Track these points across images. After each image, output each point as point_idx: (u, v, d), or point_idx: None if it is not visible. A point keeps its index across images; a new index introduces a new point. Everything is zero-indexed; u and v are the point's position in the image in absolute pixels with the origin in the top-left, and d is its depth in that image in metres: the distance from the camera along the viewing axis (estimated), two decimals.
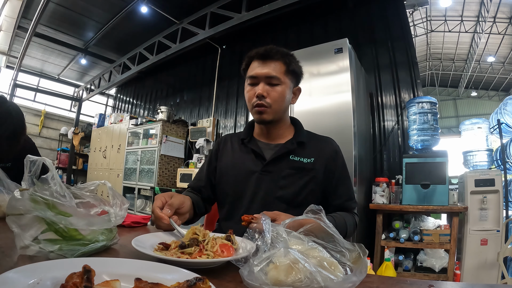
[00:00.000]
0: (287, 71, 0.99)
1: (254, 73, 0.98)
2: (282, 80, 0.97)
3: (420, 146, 2.46)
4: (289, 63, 0.99)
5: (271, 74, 0.96)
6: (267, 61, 0.98)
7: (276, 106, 0.98)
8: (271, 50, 0.98)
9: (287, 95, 1.00)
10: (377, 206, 2.35)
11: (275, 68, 0.97)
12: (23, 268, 0.40)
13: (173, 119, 4.65)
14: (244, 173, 1.02)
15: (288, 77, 1.00)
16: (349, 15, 3.42)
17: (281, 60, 0.98)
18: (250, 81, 1.00)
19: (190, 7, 4.16)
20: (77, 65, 6.94)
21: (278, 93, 0.97)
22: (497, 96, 10.58)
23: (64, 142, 7.16)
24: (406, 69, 2.97)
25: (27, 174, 0.62)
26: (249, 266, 0.45)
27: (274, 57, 0.98)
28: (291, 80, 1.01)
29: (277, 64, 0.98)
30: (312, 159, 1.01)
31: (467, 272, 2.14)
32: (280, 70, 0.97)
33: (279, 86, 0.97)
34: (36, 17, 4.27)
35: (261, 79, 0.97)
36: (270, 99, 0.96)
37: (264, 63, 0.98)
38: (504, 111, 2.82)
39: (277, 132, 1.06)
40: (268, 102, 0.96)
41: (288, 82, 1.00)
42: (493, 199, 2.16)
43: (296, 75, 1.04)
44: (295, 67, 1.01)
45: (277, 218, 0.74)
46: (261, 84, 0.97)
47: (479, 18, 7.13)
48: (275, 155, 1.00)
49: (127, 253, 0.64)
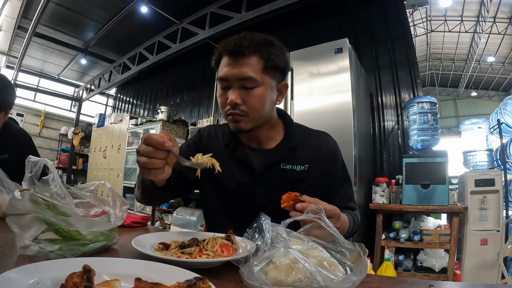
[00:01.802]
0: (266, 68, 0.79)
1: (223, 75, 0.79)
2: (260, 80, 0.78)
3: (420, 146, 2.46)
4: (267, 57, 0.79)
5: (244, 75, 0.77)
6: (239, 57, 0.78)
7: (255, 113, 0.80)
8: (242, 43, 0.77)
9: (268, 97, 0.81)
10: (377, 206, 2.35)
11: (250, 66, 0.77)
12: (23, 268, 0.40)
13: (173, 119, 4.65)
14: (231, 185, 0.89)
15: (268, 74, 0.80)
16: (349, 15, 3.42)
17: (257, 55, 0.78)
18: (221, 85, 0.81)
19: (190, 7, 4.16)
20: (77, 65, 6.95)
21: (255, 98, 0.78)
22: (497, 96, 10.58)
23: (64, 142, 7.16)
24: (406, 69, 2.97)
25: (28, 174, 0.62)
26: (249, 266, 0.45)
27: (247, 52, 0.77)
28: (272, 77, 0.82)
29: (252, 60, 0.78)
30: (306, 166, 0.88)
31: (467, 272, 2.14)
32: (257, 67, 0.78)
33: (257, 89, 0.78)
34: (36, 17, 4.27)
35: (233, 82, 0.78)
36: (246, 106, 0.79)
37: (235, 60, 0.78)
38: (504, 111, 2.82)
39: (264, 134, 0.90)
40: (244, 110, 0.79)
41: (269, 81, 0.81)
42: (493, 199, 2.16)
43: (280, 69, 0.83)
44: (276, 61, 0.80)
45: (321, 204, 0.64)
46: (233, 90, 0.78)
47: (479, 18, 7.13)
48: (264, 165, 0.87)
49: (127, 253, 0.64)
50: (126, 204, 0.68)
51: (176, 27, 4.44)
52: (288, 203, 0.62)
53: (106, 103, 8.50)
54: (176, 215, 3.46)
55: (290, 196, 0.63)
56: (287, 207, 0.63)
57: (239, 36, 0.80)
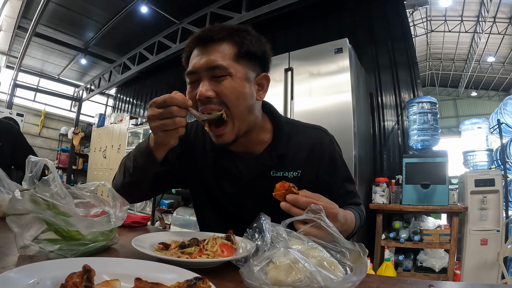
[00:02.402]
0: (239, 55, 0.69)
1: (190, 68, 0.71)
2: (232, 69, 0.68)
3: (420, 146, 2.46)
4: (241, 43, 0.70)
5: (213, 63, 0.67)
6: (208, 45, 0.69)
7: (234, 108, 0.69)
8: (211, 29, 0.70)
9: (243, 88, 0.70)
10: (377, 206, 2.35)
11: (221, 53, 0.68)
12: (23, 268, 0.40)
13: None
14: (219, 194, 0.84)
15: (243, 63, 0.70)
16: (349, 15, 3.42)
17: (229, 41, 0.69)
18: (189, 79, 0.73)
19: (190, 7, 4.16)
20: (77, 65, 6.95)
21: (228, 89, 0.68)
22: (497, 96, 10.59)
23: (64, 142, 7.16)
24: (406, 69, 2.97)
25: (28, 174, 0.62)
26: (249, 266, 0.45)
27: (217, 37, 0.69)
28: (248, 67, 0.72)
29: (223, 47, 0.69)
30: (299, 172, 0.80)
31: (467, 272, 2.14)
32: (228, 55, 0.69)
33: (228, 79, 0.68)
34: (36, 17, 4.27)
35: (201, 73, 0.69)
36: (219, 98, 0.69)
37: (204, 49, 0.69)
38: (504, 111, 2.82)
39: (250, 138, 0.80)
40: (220, 102, 0.69)
41: (243, 72, 0.70)
42: (493, 199, 2.16)
43: (257, 58, 0.73)
44: (251, 47, 0.71)
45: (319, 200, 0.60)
46: (202, 82, 0.69)
47: (479, 18, 7.13)
48: (252, 174, 0.80)
49: (127, 253, 0.64)
50: (126, 205, 0.68)
51: (176, 27, 4.44)
52: (280, 192, 0.60)
53: (106, 103, 8.50)
54: (176, 215, 3.46)
55: (283, 186, 0.60)
56: (277, 196, 0.60)
57: (209, 26, 0.72)
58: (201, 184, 0.88)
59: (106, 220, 0.62)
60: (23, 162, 0.61)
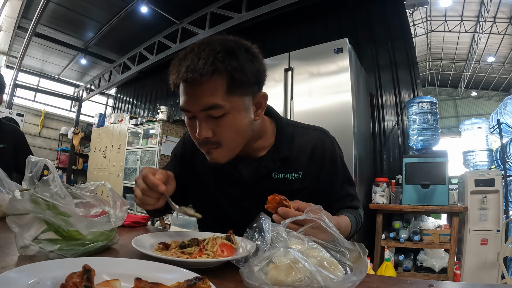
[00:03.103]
0: (231, 89, 0.64)
1: (183, 106, 0.67)
2: (228, 105, 0.64)
3: (420, 146, 2.46)
4: (231, 75, 0.63)
5: (207, 105, 0.64)
6: (196, 85, 0.63)
7: (230, 143, 0.70)
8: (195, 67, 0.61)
9: (243, 121, 0.69)
10: (377, 206, 2.35)
11: (211, 91, 0.63)
12: (23, 268, 0.40)
13: (173, 119, 4.65)
14: (221, 197, 0.86)
15: (237, 94, 0.66)
16: (349, 15, 3.42)
17: (217, 76, 0.62)
18: (185, 114, 0.70)
19: (190, 7, 4.16)
20: (77, 65, 6.95)
21: (226, 127, 0.67)
22: (497, 96, 10.59)
23: (64, 142, 7.16)
24: (406, 69, 2.97)
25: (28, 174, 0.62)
26: (249, 266, 0.45)
27: (204, 77, 0.61)
28: (243, 95, 0.67)
29: (212, 84, 0.63)
30: (301, 174, 0.81)
31: (467, 272, 2.14)
32: (220, 91, 0.63)
33: (227, 116, 0.66)
34: (36, 17, 4.27)
35: (197, 113, 0.66)
36: (217, 138, 0.68)
37: (192, 89, 0.64)
38: (504, 111, 2.83)
39: (251, 146, 0.80)
40: (217, 142, 0.69)
41: (240, 102, 0.67)
42: (493, 199, 2.16)
43: (251, 83, 0.68)
44: (243, 77, 0.65)
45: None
46: (199, 122, 0.67)
47: (479, 18, 7.14)
48: (254, 177, 0.81)
49: (127, 253, 0.64)
50: (126, 205, 0.68)
51: (176, 27, 4.44)
52: (272, 205, 0.61)
53: (106, 103, 8.50)
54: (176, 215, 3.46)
55: (274, 199, 0.61)
56: (269, 209, 0.62)
57: (192, 54, 0.64)
58: (203, 192, 0.90)
59: (106, 220, 0.63)
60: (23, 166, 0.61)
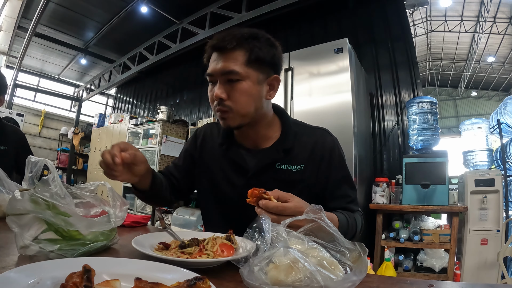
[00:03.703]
0: (250, 61, 0.78)
1: (209, 70, 0.82)
2: (244, 73, 0.77)
3: (420, 146, 2.46)
4: (251, 50, 0.78)
5: (227, 69, 0.77)
6: (223, 52, 0.78)
7: (240, 108, 0.79)
8: (224, 38, 0.77)
9: (254, 91, 0.79)
10: (377, 206, 2.35)
11: (234, 60, 0.77)
12: (23, 268, 0.40)
13: (173, 119, 4.65)
14: (226, 187, 0.90)
15: (254, 68, 0.79)
16: (349, 15, 3.42)
17: (240, 48, 0.78)
18: (209, 80, 0.84)
19: (190, 7, 4.16)
20: (77, 65, 6.95)
21: (239, 92, 0.78)
22: (497, 96, 10.59)
23: (64, 142, 7.16)
24: (406, 69, 2.97)
25: (28, 174, 0.62)
26: (249, 265, 0.45)
27: (230, 46, 0.77)
28: (259, 70, 0.80)
29: (235, 54, 0.77)
30: (302, 166, 0.86)
31: (467, 272, 2.14)
32: (240, 61, 0.77)
33: (241, 83, 0.78)
34: (36, 17, 4.27)
35: (217, 77, 0.80)
36: (230, 101, 0.79)
37: (219, 56, 0.79)
38: (504, 111, 2.82)
39: (257, 135, 0.88)
40: (229, 106, 0.79)
41: (254, 75, 0.79)
42: (493, 199, 2.16)
43: (267, 63, 0.81)
44: (260, 53, 0.79)
45: (290, 200, 0.63)
46: (218, 84, 0.79)
47: (479, 18, 7.14)
48: (258, 166, 0.86)
49: (127, 253, 0.64)
50: (126, 204, 0.68)
51: (176, 27, 4.44)
52: (253, 199, 0.62)
53: (106, 103, 8.50)
54: (176, 215, 3.46)
55: (253, 193, 0.62)
56: (251, 203, 0.63)
57: (225, 31, 0.81)
58: (209, 182, 0.94)
59: (106, 220, 0.63)
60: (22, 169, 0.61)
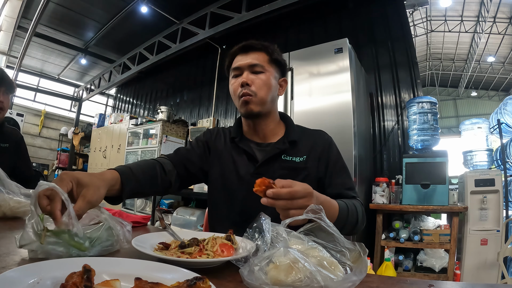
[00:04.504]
0: (270, 60, 0.99)
1: (237, 65, 0.98)
2: (266, 68, 0.97)
3: (420, 146, 2.46)
4: (271, 53, 0.99)
5: (254, 62, 0.96)
6: (249, 52, 0.98)
7: (262, 93, 0.95)
8: (252, 42, 1.00)
9: (272, 83, 0.98)
10: (377, 206, 2.35)
11: (258, 57, 0.97)
12: (23, 267, 0.40)
13: (173, 119, 4.65)
14: (236, 176, 0.98)
15: (272, 66, 0.99)
16: (349, 15, 3.42)
17: (263, 50, 0.99)
18: (234, 73, 0.99)
19: (190, 7, 4.16)
20: (77, 65, 6.95)
21: (262, 80, 0.96)
22: (497, 96, 10.59)
23: (64, 142, 7.17)
24: (406, 69, 2.97)
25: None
26: (249, 265, 0.45)
27: (256, 48, 0.98)
28: (275, 69, 1.00)
29: (259, 54, 0.98)
30: (305, 157, 0.97)
31: (467, 272, 2.14)
32: (264, 59, 0.98)
33: (263, 74, 0.96)
34: (36, 17, 4.27)
35: (244, 69, 0.97)
36: (255, 86, 0.95)
37: (246, 54, 0.98)
38: (504, 111, 2.82)
39: (267, 128, 1.02)
40: (253, 90, 0.94)
41: (273, 71, 0.99)
42: (493, 199, 2.16)
43: (281, 65, 1.03)
44: (278, 57, 1.01)
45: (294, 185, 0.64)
46: (245, 73, 0.96)
47: (479, 18, 7.14)
48: (266, 156, 0.97)
49: (127, 253, 0.64)
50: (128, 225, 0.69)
51: (176, 27, 4.44)
52: (260, 188, 0.63)
53: (106, 103, 8.50)
54: (176, 215, 3.46)
55: (263, 182, 0.63)
56: (258, 192, 0.63)
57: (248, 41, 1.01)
58: (219, 174, 1.02)
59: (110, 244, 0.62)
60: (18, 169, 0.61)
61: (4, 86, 1.51)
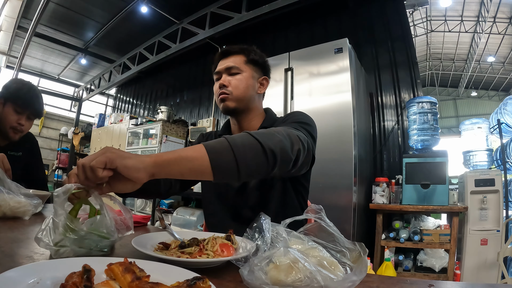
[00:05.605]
0: (247, 61, 1.06)
1: (217, 69, 1.06)
2: (242, 69, 1.04)
3: (420, 146, 2.46)
4: (248, 54, 1.07)
5: (230, 65, 1.04)
6: (229, 56, 1.06)
7: (237, 92, 1.02)
8: (230, 47, 1.08)
9: (249, 82, 1.04)
10: (377, 206, 2.35)
11: (235, 60, 1.05)
12: (23, 267, 0.40)
13: (173, 119, 4.65)
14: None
15: (249, 66, 1.06)
16: (349, 15, 3.42)
17: (241, 53, 1.06)
18: (216, 77, 1.08)
19: (190, 7, 4.16)
20: (77, 65, 6.95)
21: (238, 80, 1.03)
22: (497, 96, 10.59)
23: (64, 142, 7.17)
24: (406, 69, 2.97)
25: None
26: (249, 265, 0.45)
27: (234, 52, 1.06)
28: (253, 69, 1.07)
29: (237, 56, 1.06)
30: None
31: (467, 272, 2.14)
32: (240, 60, 1.05)
33: (240, 75, 1.04)
34: (36, 17, 4.27)
35: (222, 72, 1.05)
36: (231, 87, 1.02)
37: (226, 58, 1.07)
38: (504, 111, 2.82)
39: (249, 124, 1.07)
40: (230, 90, 1.02)
41: (250, 71, 1.05)
42: (493, 199, 2.16)
43: (259, 65, 1.09)
44: (255, 57, 1.07)
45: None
46: (223, 76, 1.05)
47: (479, 18, 7.14)
48: None
49: (127, 253, 0.64)
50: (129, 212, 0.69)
51: (176, 27, 4.45)
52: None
53: (106, 103, 8.50)
54: (176, 215, 3.47)
55: None
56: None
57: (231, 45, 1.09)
58: None
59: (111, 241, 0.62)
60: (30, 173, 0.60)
61: (29, 111, 1.46)
